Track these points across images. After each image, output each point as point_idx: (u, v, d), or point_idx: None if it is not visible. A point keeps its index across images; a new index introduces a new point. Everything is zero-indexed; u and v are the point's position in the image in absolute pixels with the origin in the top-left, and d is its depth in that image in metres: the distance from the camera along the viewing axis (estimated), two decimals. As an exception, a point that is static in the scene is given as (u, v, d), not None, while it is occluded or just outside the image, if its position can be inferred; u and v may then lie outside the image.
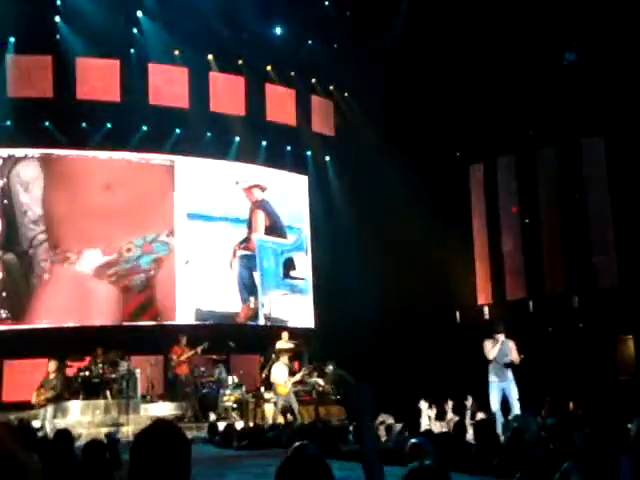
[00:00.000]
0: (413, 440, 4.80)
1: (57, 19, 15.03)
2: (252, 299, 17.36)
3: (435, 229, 16.34)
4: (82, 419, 12.95)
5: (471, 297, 17.46)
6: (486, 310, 17.22)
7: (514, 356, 10.50)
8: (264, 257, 17.66)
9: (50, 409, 11.72)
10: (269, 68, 17.46)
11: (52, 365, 12.19)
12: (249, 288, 17.36)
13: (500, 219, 17.35)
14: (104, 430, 11.40)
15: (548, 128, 16.07)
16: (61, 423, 11.35)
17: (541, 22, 15.00)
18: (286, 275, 18.02)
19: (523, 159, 17.03)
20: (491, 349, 10.46)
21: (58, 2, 15.09)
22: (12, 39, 14.77)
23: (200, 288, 16.69)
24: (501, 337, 10.51)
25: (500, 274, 17.11)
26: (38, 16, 14.50)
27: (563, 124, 15.76)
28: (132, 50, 15.86)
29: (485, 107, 16.14)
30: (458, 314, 17.27)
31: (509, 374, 10.47)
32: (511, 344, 10.69)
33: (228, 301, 17.13)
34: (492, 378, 10.49)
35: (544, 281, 16.38)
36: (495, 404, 10.35)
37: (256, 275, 17.47)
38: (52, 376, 12.06)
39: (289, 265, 18.08)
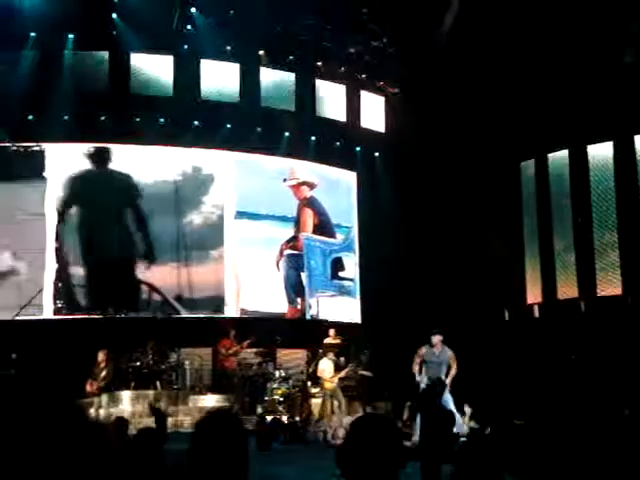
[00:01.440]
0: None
1: (114, 16, 15.33)
2: (299, 300, 17.04)
3: (485, 227, 16.14)
4: (132, 409, 13.21)
5: (521, 296, 17.21)
6: (536, 309, 16.96)
7: (453, 370, 10.00)
8: (312, 257, 17.29)
9: (104, 398, 11.99)
10: (319, 64, 17.48)
11: (101, 355, 12.48)
12: (296, 289, 17.01)
13: (552, 217, 17.04)
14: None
15: (602, 122, 15.66)
16: (114, 412, 11.61)
17: (597, 16, 14.65)
18: (334, 276, 17.63)
19: (576, 155, 16.68)
20: (419, 370, 10.00)
21: (115, -1, 15.43)
22: (71, 36, 15.15)
23: (245, 288, 16.46)
24: (439, 345, 10.06)
25: (551, 273, 16.81)
26: (96, 13, 14.84)
27: (618, 118, 15.35)
28: (185, 46, 16.07)
29: (536, 102, 15.85)
30: (507, 312, 17.05)
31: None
32: (450, 353, 10.24)
33: (274, 301, 16.77)
34: (425, 380, 10.03)
35: (596, 281, 16.04)
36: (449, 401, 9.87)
37: (303, 275, 17.13)
38: (102, 366, 12.34)
39: (337, 265, 17.70)
